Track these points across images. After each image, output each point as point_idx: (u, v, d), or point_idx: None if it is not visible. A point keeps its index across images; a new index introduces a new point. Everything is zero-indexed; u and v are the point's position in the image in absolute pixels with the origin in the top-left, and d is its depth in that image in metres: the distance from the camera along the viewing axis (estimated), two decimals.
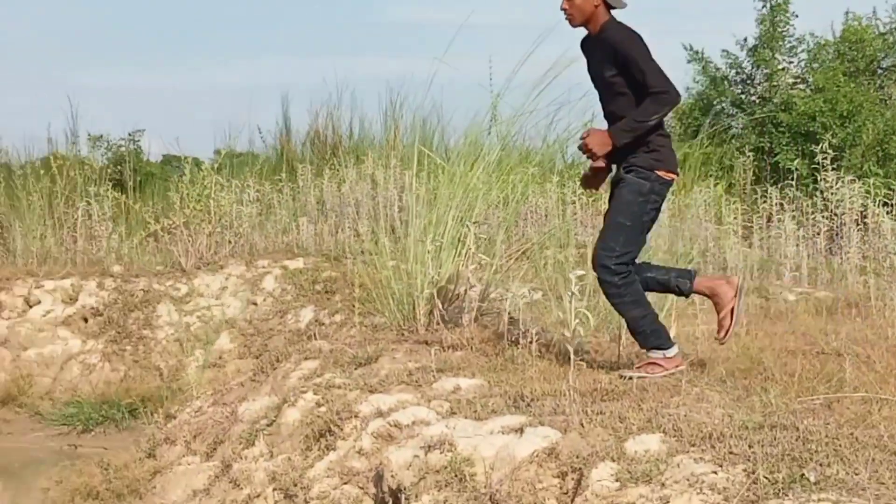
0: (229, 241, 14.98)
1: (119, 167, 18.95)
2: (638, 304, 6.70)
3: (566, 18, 6.79)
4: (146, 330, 13.73)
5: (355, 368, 7.07)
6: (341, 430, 6.16)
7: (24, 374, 13.34)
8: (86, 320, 13.85)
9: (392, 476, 5.41)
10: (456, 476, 5.18)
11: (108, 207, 15.99)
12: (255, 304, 13.79)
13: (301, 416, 6.58)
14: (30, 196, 16.28)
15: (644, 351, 6.78)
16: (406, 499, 5.24)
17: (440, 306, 8.19)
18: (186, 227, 14.79)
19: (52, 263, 15.22)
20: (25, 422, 12.93)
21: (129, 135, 21.08)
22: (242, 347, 13.34)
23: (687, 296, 7.08)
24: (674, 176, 6.78)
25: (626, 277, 6.64)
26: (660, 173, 6.66)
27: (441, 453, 5.32)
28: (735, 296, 6.80)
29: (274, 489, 6.07)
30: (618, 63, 6.58)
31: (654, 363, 6.62)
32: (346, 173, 16.35)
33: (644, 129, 6.53)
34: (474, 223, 8.61)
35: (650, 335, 6.70)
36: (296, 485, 5.97)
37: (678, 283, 6.86)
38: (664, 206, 7.91)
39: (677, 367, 6.63)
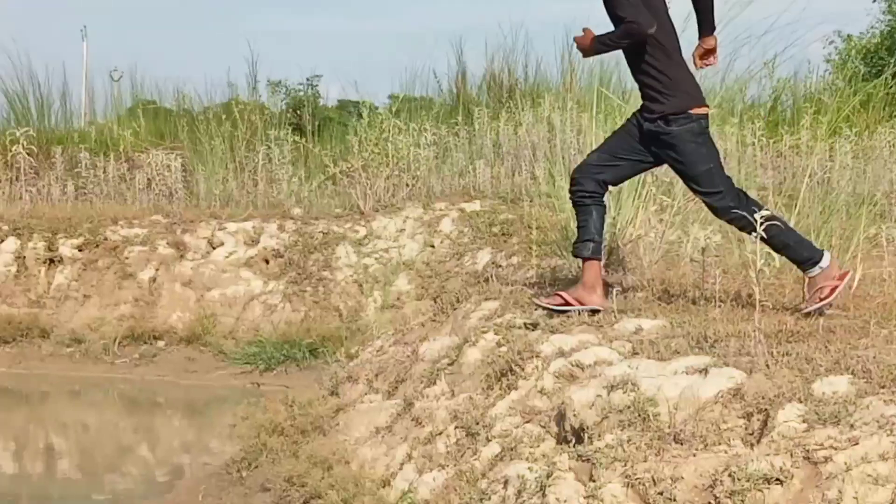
0: (407, 184, 15.09)
1: (298, 112, 19.23)
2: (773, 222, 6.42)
3: None
4: (326, 271, 13.93)
5: (535, 309, 7.06)
6: (522, 369, 6.17)
7: (208, 315, 13.66)
8: (267, 262, 14.11)
9: (574, 415, 5.41)
10: (639, 416, 5.15)
11: (288, 151, 16.24)
12: (433, 246, 13.88)
13: (482, 356, 6.61)
14: (212, 140, 16.62)
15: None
16: (589, 437, 5.23)
17: (620, 247, 8.14)
18: (364, 171, 14.93)
19: (235, 206, 15.55)
20: (210, 360, 13.25)
21: (308, 80, 21.35)
22: (420, 289, 13.46)
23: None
24: (706, 109, 6.78)
25: (740, 205, 6.52)
26: (693, 111, 6.67)
27: (624, 393, 5.29)
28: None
29: (456, 427, 6.11)
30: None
31: (822, 286, 6.51)
32: (522, 116, 16.30)
33: (613, 48, 6.84)
34: None
35: (797, 246, 6.62)
36: (477, 423, 6.01)
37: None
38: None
39: (842, 276, 6.58)
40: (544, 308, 6.86)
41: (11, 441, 10.64)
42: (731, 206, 6.53)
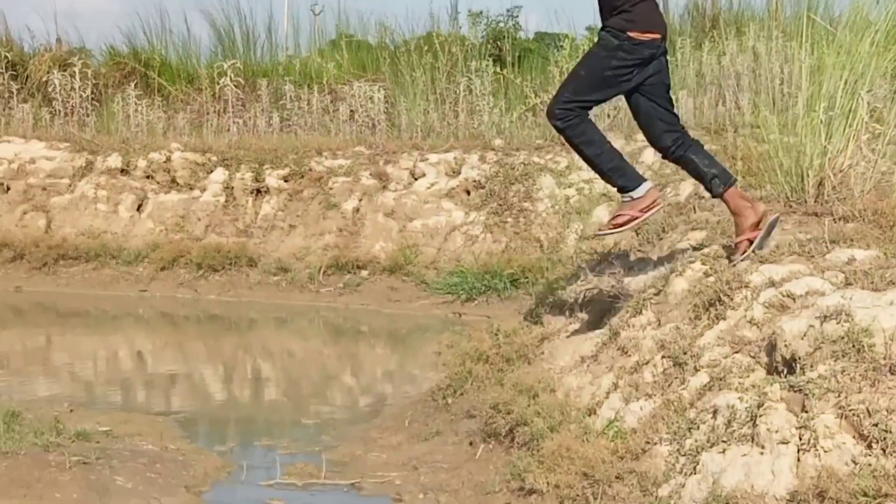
0: (608, 115, 14.94)
1: (498, 43, 19.16)
2: (589, 143, 6.62)
3: None
4: (526, 202, 13.92)
5: None
6: (731, 299, 6.07)
7: (410, 245, 13.80)
8: (468, 193, 14.16)
9: (785, 345, 5.30)
10: (853, 346, 5.02)
11: (488, 82, 16.20)
12: None
13: (689, 286, 6.52)
14: (413, 72, 16.70)
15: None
16: (801, 368, 5.13)
17: (831, 177, 7.92)
18: None
19: (436, 137, 15.62)
20: (412, 290, 13.40)
21: (508, 11, 21.27)
22: None
23: (713, 196, 6.77)
24: (652, 35, 6.58)
25: (568, 121, 6.54)
26: (631, 34, 6.52)
27: (837, 323, 5.17)
28: (757, 226, 6.52)
29: (662, 357, 6.05)
30: None
31: (620, 213, 6.59)
32: (725, 46, 15.95)
33: None
34: (868, 92, 8.23)
35: (610, 174, 6.67)
36: (685, 353, 5.94)
37: (712, 182, 6.62)
38: None
39: (649, 209, 6.59)
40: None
41: (221, 367, 10.92)
42: (552, 110, 6.58)
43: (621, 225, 6.64)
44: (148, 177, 14.98)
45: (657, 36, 6.63)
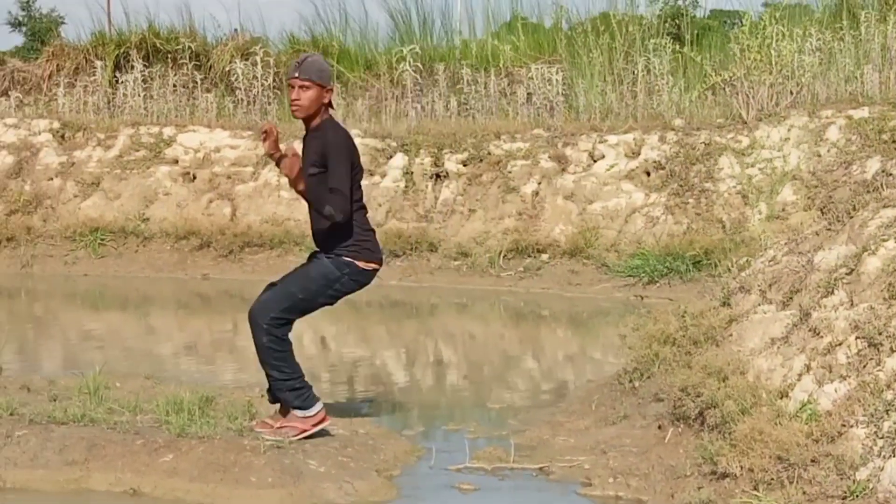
0: (791, 92, 14.65)
1: (676, 21, 18.93)
2: (282, 367, 6.72)
3: (293, 110, 6.75)
4: (708, 183, 13.75)
5: None
6: None
7: (590, 227, 13.73)
8: (648, 174, 14.04)
9: None
10: None
11: (667, 61, 16.03)
12: (819, 155, 13.45)
13: (882, 265, 6.33)
14: (590, 53, 16.60)
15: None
16: None
17: None
18: (746, 79, 14.58)
19: (614, 118, 15.50)
20: (592, 273, 13.35)
21: None
22: (806, 199, 13.10)
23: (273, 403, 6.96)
24: (374, 266, 6.85)
25: (277, 340, 6.71)
26: (359, 264, 6.78)
27: None
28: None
29: (856, 338, 5.89)
30: (322, 161, 6.66)
31: (291, 425, 6.66)
32: None
33: (312, 207, 6.79)
34: None
35: (289, 396, 6.71)
36: (880, 333, 5.77)
37: (281, 397, 6.82)
38: None
39: (317, 426, 6.70)
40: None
41: (403, 351, 11.01)
42: (261, 324, 6.70)
43: (291, 436, 6.62)
44: None
45: (376, 265, 6.91)
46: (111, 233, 14.97)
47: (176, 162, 15.63)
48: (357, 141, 14.80)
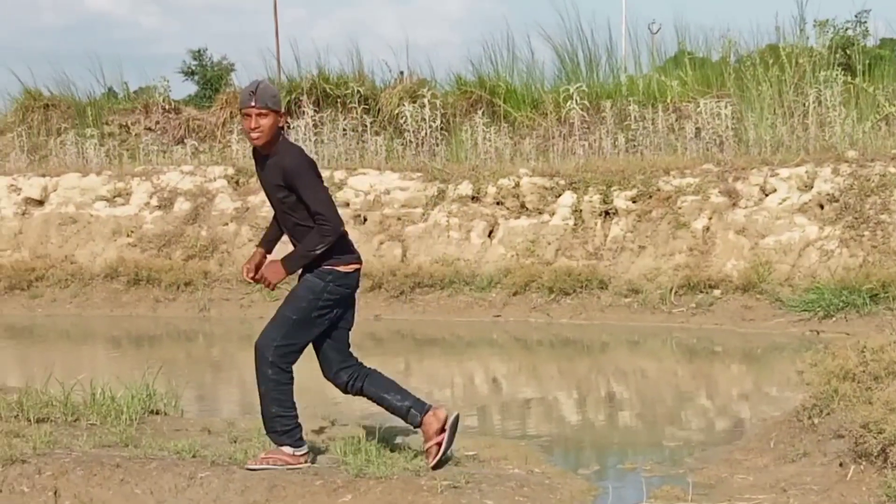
0: None
1: (846, 51, 18.61)
2: (280, 402, 6.82)
3: (254, 139, 6.78)
4: (884, 214, 13.47)
5: None
6: None
7: (762, 262, 13.54)
8: (822, 207, 13.79)
9: None
10: None
11: (838, 92, 15.77)
12: None
13: None
14: (759, 86, 16.42)
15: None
16: None
17: None
18: None
19: (785, 151, 15.30)
20: (766, 308, 13.16)
21: (856, 16, 20.71)
22: None
23: (415, 427, 7.02)
24: (355, 266, 7.03)
25: (280, 373, 6.80)
26: (339, 269, 6.90)
27: None
28: (441, 430, 6.85)
29: None
30: (287, 186, 6.76)
31: (276, 457, 6.82)
32: None
33: (314, 257, 6.81)
34: None
35: (280, 433, 6.85)
36: None
37: (411, 414, 6.95)
38: None
39: (297, 465, 6.81)
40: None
41: (575, 390, 10.98)
42: (266, 356, 6.80)
43: (270, 466, 6.80)
44: (498, 203, 15.24)
45: (357, 266, 7.08)
46: None
47: (347, 205, 15.85)
48: (525, 180, 15.01)
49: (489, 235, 15.07)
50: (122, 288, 15.66)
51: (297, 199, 6.78)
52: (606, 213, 14.70)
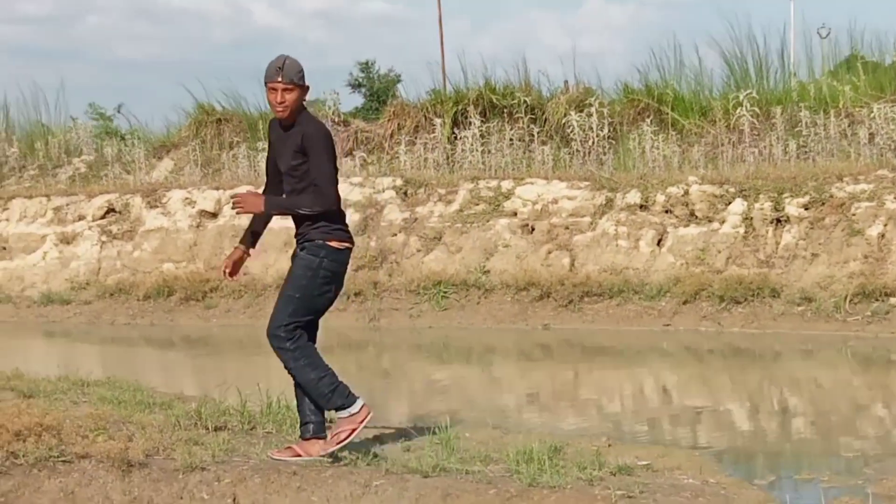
0: None
1: None
2: (314, 366, 7.08)
3: (279, 111, 7.08)
4: None
5: None
6: None
7: None
8: None
9: None
10: None
11: None
12: None
13: None
14: None
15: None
16: None
17: None
18: None
19: None
20: None
21: None
22: None
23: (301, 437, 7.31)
24: (346, 244, 7.18)
25: (297, 341, 7.06)
26: (332, 244, 7.11)
27: None
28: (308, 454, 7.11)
29: None
30: (303, 151, 7.04)
31: (341, 429, 7.06)
32: None
33: (294, 213, 7.14)
34: None
35: (331, 395, 7.06)
36: None
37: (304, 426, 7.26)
38: None
39: (364, 421, 7.08)
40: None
41: (746, 399, 10.84)
42: (278, 334, 7.06)
43: (345, 440, 7.07)
44: (667, 211, 15.11)
45: (349, 245, 7.24)
46: (453, 285, 15.31)
47: (514, 214, 15.88)
48: (694, 188, 14.86)
49: (658, 244, 14.94)
50: None
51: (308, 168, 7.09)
52: (778, 220, 14.46)
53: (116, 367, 11.65)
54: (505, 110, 19.44)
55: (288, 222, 7.46)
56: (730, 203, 14.78)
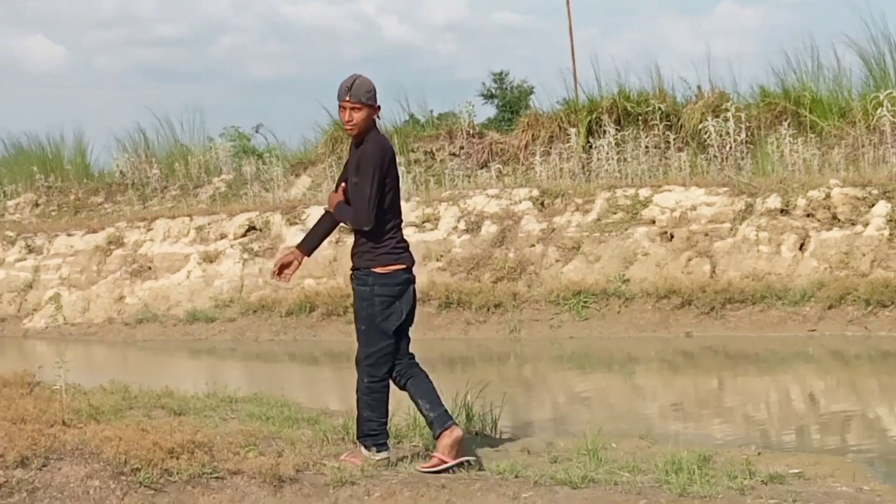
0: None
1: None
2: (373, 408, 7.32)
3: (348, 130, 7.30)
4: None
5: None
6: None
7: None
8: None
9: None
10: None
11: None
12: None
13: None
14: None
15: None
16: None
17: None
18: None
19: None
20: None
21: None
22: None
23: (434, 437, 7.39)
24: (394, 267, 7.30)
25: (372, 382, 7.30)
26: (377, 270, 7.23)
27: None
28: (452, 448, 7.21)
29: None
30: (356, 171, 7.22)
31: (357, 455, 7.35)
32: None
33: (339, 220, 7.46)
34: None
35: (367, 435, 7.35)
36: None
37: (433, 425, 7.32)
38: None
39: (364, 466, 7.17)
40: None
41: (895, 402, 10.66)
42: (362, 365, 7.33)
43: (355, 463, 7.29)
44: (808, 215, 14.88)
45: (401, 266, 7.38)
46: (593, 295, 15.25)
47: (653, 222, 15.79)
48: (836, 191, 14.62)
49: (800, 248, 14.72)
50: (434, 311, 15.94)
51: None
52: None
53: (262, 384, 11.81)
54: (640, 117, 19.37)
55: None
56: (873, 205, 14.51)
